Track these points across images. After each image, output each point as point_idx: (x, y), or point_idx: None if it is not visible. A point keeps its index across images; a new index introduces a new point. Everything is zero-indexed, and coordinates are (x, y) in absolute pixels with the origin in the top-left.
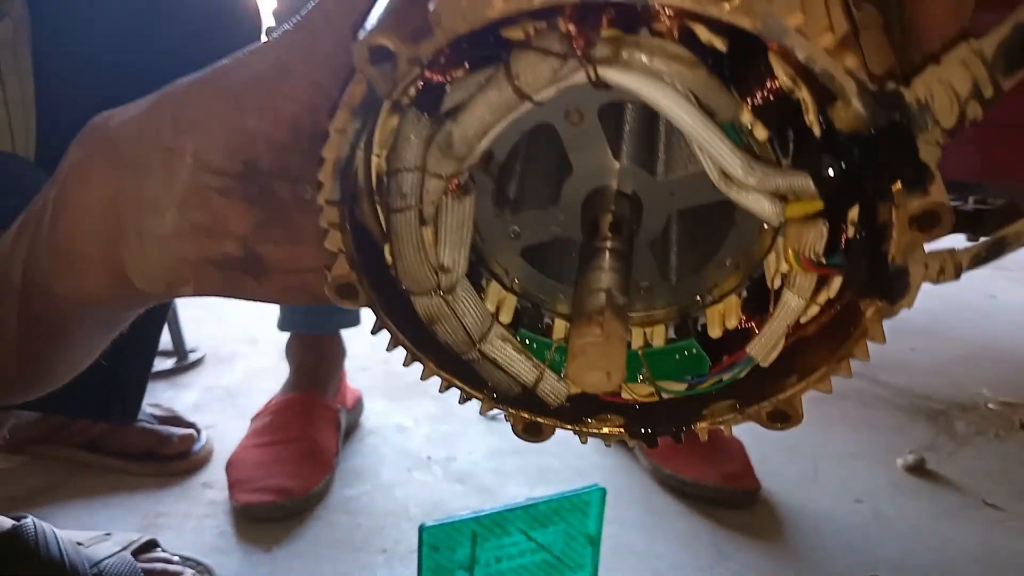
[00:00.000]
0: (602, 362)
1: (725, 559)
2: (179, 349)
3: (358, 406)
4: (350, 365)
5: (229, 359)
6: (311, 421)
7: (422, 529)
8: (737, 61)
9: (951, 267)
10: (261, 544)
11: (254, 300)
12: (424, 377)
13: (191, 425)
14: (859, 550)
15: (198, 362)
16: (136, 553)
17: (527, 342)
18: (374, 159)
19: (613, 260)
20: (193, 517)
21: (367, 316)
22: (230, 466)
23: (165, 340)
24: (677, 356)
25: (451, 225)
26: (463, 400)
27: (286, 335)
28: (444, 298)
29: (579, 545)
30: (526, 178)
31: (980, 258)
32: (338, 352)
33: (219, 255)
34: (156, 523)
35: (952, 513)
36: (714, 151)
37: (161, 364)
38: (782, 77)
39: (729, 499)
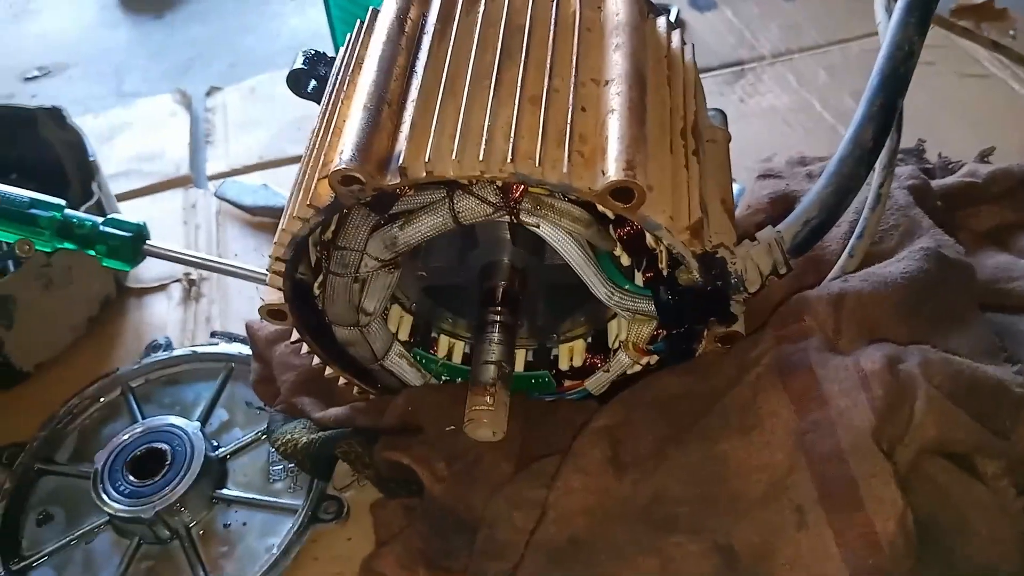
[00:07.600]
0: (490, 424)
1: None
2: None
3: None
4: None
5: None
6: None
7: None
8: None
9: None
10: (151, 11)
11: None
12: (328, 376)
13: None
14: None
15: None
16: None
17: (418, 358)
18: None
19: (502, 333)
20: None
21: None
22: None
23: None
24: (532, 380)
25: (378, 286)
26: (359, 393)
27: None
28: (360, 330)
29: None
30: (441, 243)
31: None
32: None
33: None
34: None
35: None
36: (591, 283)
37: None
38: (649, 239)
39: None
